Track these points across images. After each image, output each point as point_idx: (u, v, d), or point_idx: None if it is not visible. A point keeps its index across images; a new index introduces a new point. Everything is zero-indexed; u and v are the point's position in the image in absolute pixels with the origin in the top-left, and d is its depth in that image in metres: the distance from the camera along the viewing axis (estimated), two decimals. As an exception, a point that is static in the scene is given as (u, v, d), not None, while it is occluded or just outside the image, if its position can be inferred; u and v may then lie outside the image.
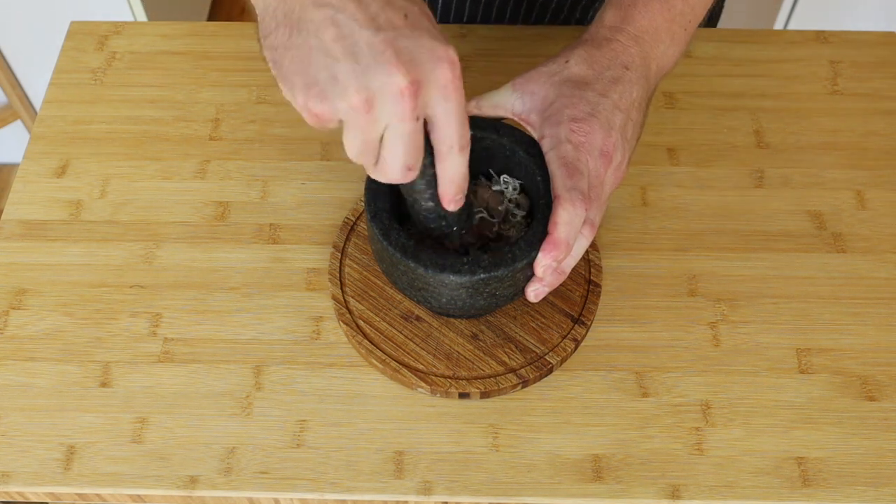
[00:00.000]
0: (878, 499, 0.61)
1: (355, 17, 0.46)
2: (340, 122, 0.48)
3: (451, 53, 0.47)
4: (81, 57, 0.85)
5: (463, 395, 0.64)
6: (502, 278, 0.57)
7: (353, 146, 0.49)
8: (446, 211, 0.56)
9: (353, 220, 0.72)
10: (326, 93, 0.46)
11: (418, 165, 0.50)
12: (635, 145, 0.62)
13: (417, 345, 0.66)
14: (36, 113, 1.78)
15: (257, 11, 0.50)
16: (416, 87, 0.46)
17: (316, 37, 0.46)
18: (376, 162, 0.50)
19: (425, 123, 0.49)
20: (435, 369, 0.65)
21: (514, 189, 0.63)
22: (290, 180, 0.76)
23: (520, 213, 0.62)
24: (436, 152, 0.51)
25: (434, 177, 0.53)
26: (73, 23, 0.88)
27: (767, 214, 0.74)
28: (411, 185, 0.54)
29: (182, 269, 0.71)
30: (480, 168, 0.63)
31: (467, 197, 0.56)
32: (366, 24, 0.46)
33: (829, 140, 0.79)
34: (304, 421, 0.64)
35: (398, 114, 0.47)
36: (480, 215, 0.62)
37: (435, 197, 0.54)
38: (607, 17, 0.63)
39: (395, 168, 0.49)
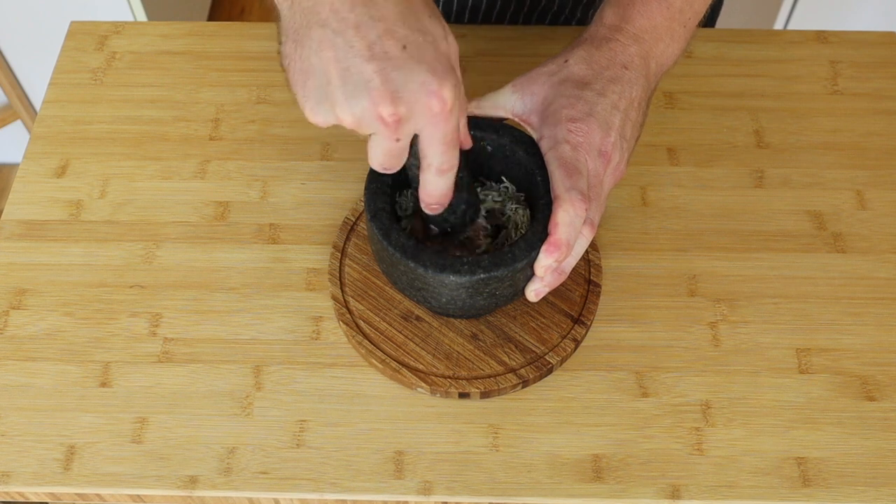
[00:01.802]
0: (878, 499, 0.61)
1: (352, 43, 0.47)
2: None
3: (444, 90, 0.48)
4: (81, 57, 0.85)
5: (463, 395, 0.64)
6: (502, 278, 0.57)
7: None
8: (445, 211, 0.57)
9: (353, 220, 0.72)
10: (318, 109, 0.49)
11: (396, 168, 0.53)
12: (634, 145, 0.62)
13: (417, 345, 0.66)
14: (36, 113, 1.78)
15: (278, 20, 0.52)
16: (397, 119, 0.48)
17: (316, 55, 0.48)
18: None
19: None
20: (435, 369, 0.65)
21: (515, 190, 0.63)
22: (290, 180, 0.76)
23: (521, 214, 0.62)
24: (420, 163, 0.53)
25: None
26: (73, 23, 0.88)
27: (767, 214, 0.74)
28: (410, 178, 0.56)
29: (182, 269, 0.71)
30: (482, 170, 0.64)
31: (465, 200, 0.58)
32: (361, 51, 0.47)
33: (829, 140, 0.79)
34: (303, 421, 0.64)
35: (379, 133, 0.49)
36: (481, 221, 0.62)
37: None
38: (606, 16, 0.63)
39: (374, 165, 0.52)
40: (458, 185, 0.56)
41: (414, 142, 0.52)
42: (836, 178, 0.76)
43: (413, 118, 0.49)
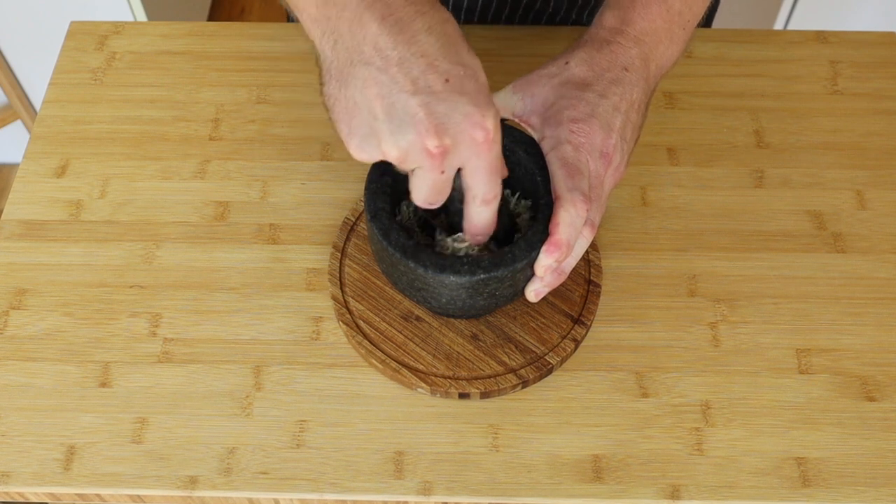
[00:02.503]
0: (878, 499, 0.61)
1: (396, 79, 0.49)
2: None
3: (487, 120, 0.49)
4: (81, 57, 0.85)
5: (463, 396, 0.64)
6: (502, 278, 0.57)
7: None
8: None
9: (353, 220, 0.72)
10: (364, 145, 0.51)
11: (439, 203, 0.54)
12: (634, 146, 0.62)
13: (417, 345, 0.66)
14: (36, 113, 1.78)
15: (319, 61, 0.54)
16: (443, 150, 0.49)
17: (361, 92, 0.50)
18: None
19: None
20: (435, 369, 0.65)
21: (517, 199, 0.63)
22: (290, 180, 0.76)
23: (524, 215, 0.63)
24: (465, 196, 0.54)
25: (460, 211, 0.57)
26: (73, 23, 0.88)
27: (767, 214, 0.74)
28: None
29: (182, 269, 0.71)
30: None
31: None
32: (406, 86, 0.49)
33: (829, 140, 0.79)
34: (303, 421, 0.64)
35: (425, 166, 0.51)
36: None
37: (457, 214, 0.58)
38: (606, 18, 0.63)
39: (419, 201, 0.54)
40: (499, 212, 0.57)
41: (454, 176, 0.53)
42: (836, 178, 0.76)
43: (458, 150, 0.50)
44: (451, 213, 0.59)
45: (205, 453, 0.63)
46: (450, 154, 0.50)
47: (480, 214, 0.55)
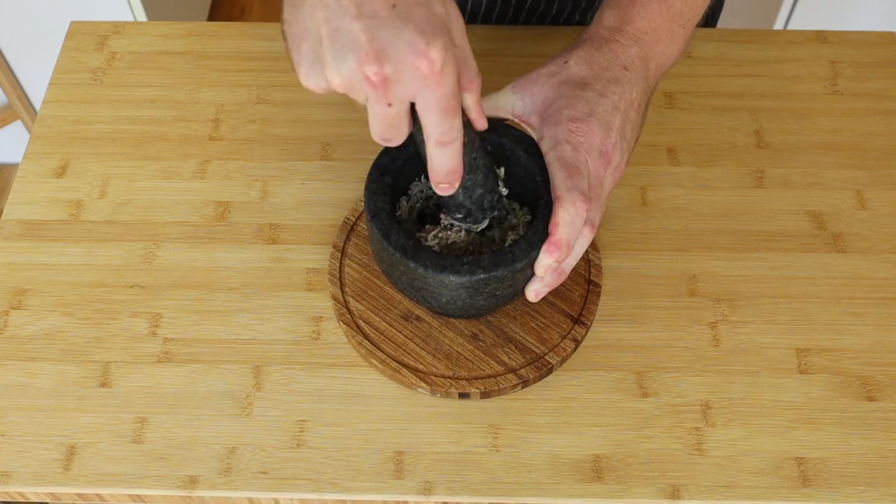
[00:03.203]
0: (878, 499, 0.61)
1: (342, 2, 0.47)
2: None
3: (432, 50, 0.47)
4: (81, 57, 0.85)
5: (463, 396, 0.64)
6: (502, 278, 0.57)
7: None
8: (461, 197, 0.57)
9: (353, 220, 0.72)
10: (310, 73, 0.49)
11: (395, 140, 0.51)
12: (634, 146, 0.62)
13: (417, 345, 0.66)
14: (36, 113, 1.78)
15: None
16: (383, 79, 0.47)
17: (310, 17, 0.48)
18: None
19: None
20: (435, 369, 0.65)
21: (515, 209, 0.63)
22: (290, 180, 0.76)
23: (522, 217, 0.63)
24: (423, 138, 0.51)
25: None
26: (73, 23, 0.88)
27: (767, 214, 0.74)
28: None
29: (182, 269, 0.71)
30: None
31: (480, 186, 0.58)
32: (350, 10, 0.47)
33: (829, 140, 0.79)
34: (303, 421, 0.64)
35: (370, 96, 0.49)
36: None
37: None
38: (606, 17, 0.63)
39: (374, 136, 0.51)
40: (473, 166, 0.55)
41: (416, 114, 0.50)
42: (836, 178, 0.76)
43: (402, 81, 0.48)
44: (422, 157, 0.56)
45: (205, 453, 0.63)
46: (392, 84, 0.48)
47: (438, 157, 0.52)
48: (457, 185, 0.54)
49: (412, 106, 0.50)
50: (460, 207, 0.59)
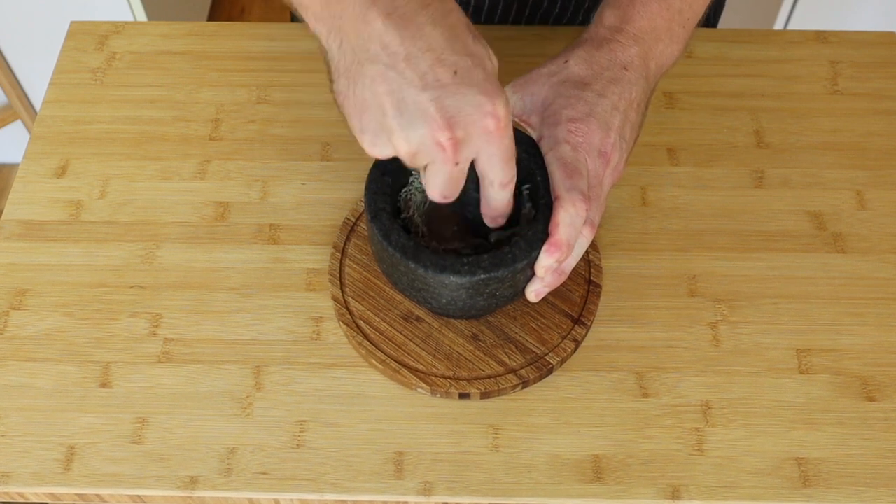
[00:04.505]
0: (878, 499, 0.61)
1: (405, 74, 0.49)
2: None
3: (498, 108, 0.49)
4: (81, 57, 0.85)
5: (463, 396, 0.64)
6: (502, 279, 0.57)
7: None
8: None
9: (353, 220, 0.72)
10: (376, 141, 0.52)
11: (455, 195, 0.54)
12: (633, 145, 0.62)
13: (417, 345, 0.66)
14: (36, 113, 1.78)
15: (326, 58, 0.54)
16: (455, 143, 0.50)
17: (370, 90, 0.50)
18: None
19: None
20: (435, 370, 0.65)
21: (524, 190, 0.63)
22: (290, 180, 0.76)
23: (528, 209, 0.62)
24: (481, 182, 0.55)
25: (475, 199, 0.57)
26: (73, 23, 0.88)
27: (767, 214, 0.74)
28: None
29: (182, 269, 0.71)
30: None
31: None
32: (414, 81, 0.49)
33: (829, 140, 0.79)
34: (303, 421, 0.64)
35: (438, 160, 0.51)
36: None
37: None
38: (606, 17, 0.63)
39: (434, 195, 0.53)
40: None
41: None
42: (836, 178, 0.76)
43: (471, 141, 0.50)
44: (465, 202, 0.59)
45: (205, 453, 0.63)
46: (463, 146, 0.50)
47: (499, 198, 0.55)
48: (507, 216, 0.58)
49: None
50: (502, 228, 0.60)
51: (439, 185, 0.52)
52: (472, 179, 0.56)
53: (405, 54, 0.49)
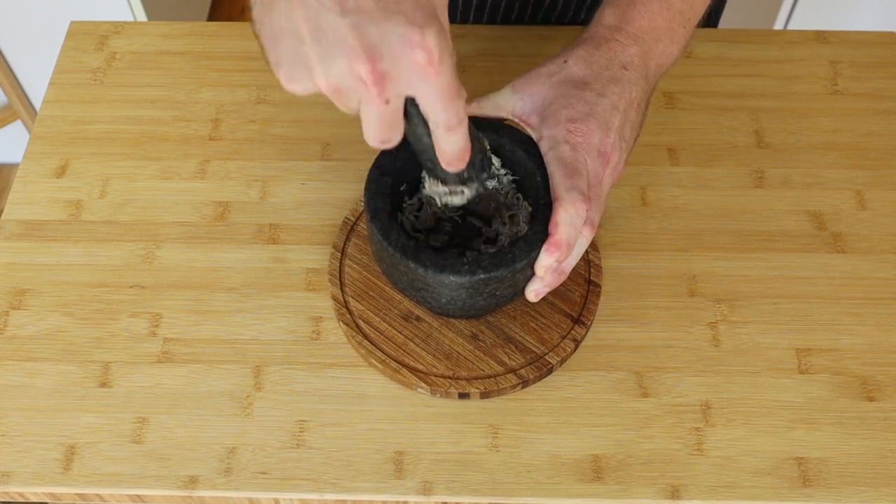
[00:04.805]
0: (878, 499, 0.61)
1: None
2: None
3: (427, 38, 0.44)
4: (81, 57, 0.85)
5: (463, 396, 0.64)
6: (502, 279, 0.57)
7: (343, 108, 0.48)
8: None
9: (353, 220, 0.72)
10: (293, 74, 0.46)
11: (395, 139, 0.49)
12: (633, 145, 0.62)
13: (417, 345, 0.66)
14: (36, 113, 1.78)
15: None
16: (378, 76, 0.45)
17: (286, 16, 0.45)
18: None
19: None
20: (435, 369, 0.65)
21: (507, 177, 0.62)
22: (290, 180, 0.76)
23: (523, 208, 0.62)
24: (430, 127, 0.50)
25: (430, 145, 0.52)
26: (73, 23, 0.88)
27: (767, 214, 0.74)
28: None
29: (182, 269, 0.71)
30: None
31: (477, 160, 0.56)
32: (333, 6, 0.44)
33: (829, 140, 0.79)
34: (303, 421, 0.64)
35: (364, 97, 0.46)
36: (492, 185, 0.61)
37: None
38: (606, 16, 0.63)
39: (371, 140, 0.49)
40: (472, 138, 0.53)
41: (411, 106, 0.48)
42: (836, 178, 0.76)
43: (399, 76, 0.45)
44: (420, 151, 0.54)
45: (205, 453, 0.63)
46: (389, 80, 0.45)
47: (448, 142, 0.50)
48: (468, 160, 0.52)
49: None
50: (460, 176, 0.57)
51: (372, 127, 0.47)
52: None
53: None
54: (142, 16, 1.60)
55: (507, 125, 0.62)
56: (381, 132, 0.48)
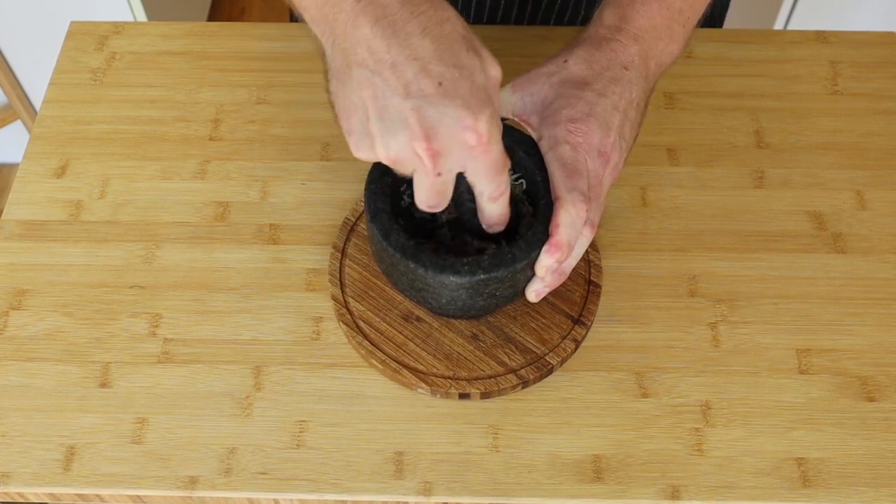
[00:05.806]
0: (878, 499, 0.61)
1: (389, 82, 0.49)
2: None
3: (479, 123, 0.49)
4: (81, 57, 0.85)
5: (463, 396, 0.64)
6: (502, 279, 0.57)
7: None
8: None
9: (353, 220, 0.72)
10: (360, 144, 0.52)
11: (442, 205, 0.54)
12: (632, 145, 0.62)
13: (417, 345, 0.66)
14: (36, 113, 1.78)
15: (324, 59, 0.55)
16: (433, 154, 0.50)
17: (356, 93, 0.51)
18: None
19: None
20: (435, 370, 0.65)
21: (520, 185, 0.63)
22: (290, 180, 0.76)
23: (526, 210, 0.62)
24: (475, 195, 0.55)
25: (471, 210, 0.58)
26: (73, 23, 0.88)
27: (767, 214, 0.74)
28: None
29: (182, 269, 0.71)
30: None
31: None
32: (398, 89, 0.49)
33: (829, 140, 0.79)
34: (303, 421, 0.64)
35: (419, 169, 0.51)
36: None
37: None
38: (606, 16, 0.63)
39: (421, 204, 0.54)
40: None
41: (460, 176, 0.53)
42: (836, 178, 0.76)
43: (452, 153, 0.50)
44: (462, 212, 0.60)
45: (205, 453, 0.63)
46: (442, 158, 0.50)
47: (492, 210, 0.56)
48: (506, 223, 0.58)
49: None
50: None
51: (423, 195, 0.53)
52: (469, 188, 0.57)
53: (391, 61, 0.49)
54: (142, 16, 1.60)
55: (508, 125, 0.62)
56: (432, 199, 0.53)
